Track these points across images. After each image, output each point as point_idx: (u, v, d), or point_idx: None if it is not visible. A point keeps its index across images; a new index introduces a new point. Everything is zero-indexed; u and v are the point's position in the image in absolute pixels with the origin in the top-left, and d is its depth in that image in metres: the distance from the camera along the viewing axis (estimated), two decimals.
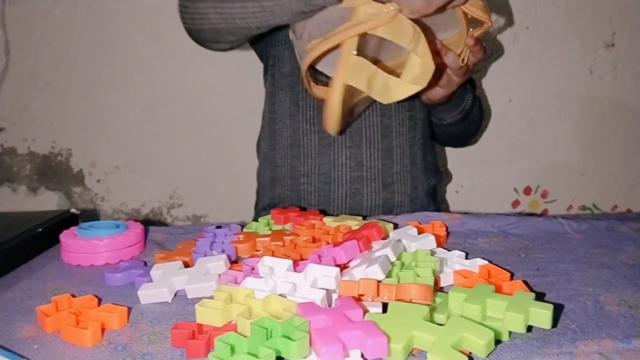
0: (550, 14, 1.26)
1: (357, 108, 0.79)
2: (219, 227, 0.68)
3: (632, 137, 1.35)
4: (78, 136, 1.25)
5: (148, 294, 0.50)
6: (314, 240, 0.61)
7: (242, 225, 0.69)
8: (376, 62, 0.70)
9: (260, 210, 0.96)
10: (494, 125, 1.31)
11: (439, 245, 0.60)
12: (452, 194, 1.34)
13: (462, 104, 0.89)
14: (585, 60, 1.30)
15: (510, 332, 0.41)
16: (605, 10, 1.27)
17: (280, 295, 0.45)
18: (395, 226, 0.67)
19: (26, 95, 1.22)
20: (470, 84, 0.93)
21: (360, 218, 0.69)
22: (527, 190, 1.35)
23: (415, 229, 0.60)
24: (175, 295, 0.51)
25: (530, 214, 0.77)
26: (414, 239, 0.57)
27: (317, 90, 0.77)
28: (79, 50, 1.20)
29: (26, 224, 0.67)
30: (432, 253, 0.55)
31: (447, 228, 0.66)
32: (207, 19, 0.76)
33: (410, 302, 0.43)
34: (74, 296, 0.48)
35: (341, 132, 0.82)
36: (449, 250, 0.58)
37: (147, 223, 0.73)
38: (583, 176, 1.36)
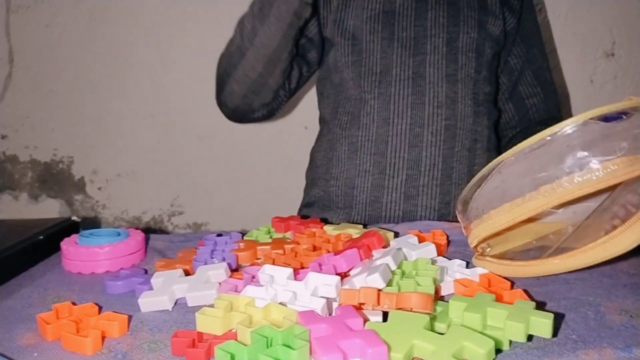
0: (550, 24, 1.27)
1: None
2: (219, 235, 0.68)
3: None
4: (79, 144, 1.26)
5: (148, 302, 0.50)
6: (315, 248, 0.61)
7: (243, 234, 0.69)
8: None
9: (302, 207, 1.00)
10: None
11: (439, 254, 0.59)
12: None
13: None
14: (586, 69, 1.30)
15: (510, 342, 0.41)
16: (605, 19, 1.28)
17: (280, 303, 0.45)
18: (396, 235, 0.66)
19: (29, 103, 1.23)
20: None
21: (361, 226, 0.69)
22: None
23: (416, 238, 0.60)
24: (175, 303, 0.51)
25: None
26: (414, 248, 0.57)
27: (487, 264, 0.56)
28: (82, 58, 1.21)
29: (27, 232, 0.67)
30: (433, 262, 0.55)
31: (447, 237, 0.66)
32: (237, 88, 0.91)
33: (411, 310, 0.43)
34: (74, 304, 0.48)
35: None
36: (450, 259, 0.57)
37: (148, 231, 0.73)
38: None
